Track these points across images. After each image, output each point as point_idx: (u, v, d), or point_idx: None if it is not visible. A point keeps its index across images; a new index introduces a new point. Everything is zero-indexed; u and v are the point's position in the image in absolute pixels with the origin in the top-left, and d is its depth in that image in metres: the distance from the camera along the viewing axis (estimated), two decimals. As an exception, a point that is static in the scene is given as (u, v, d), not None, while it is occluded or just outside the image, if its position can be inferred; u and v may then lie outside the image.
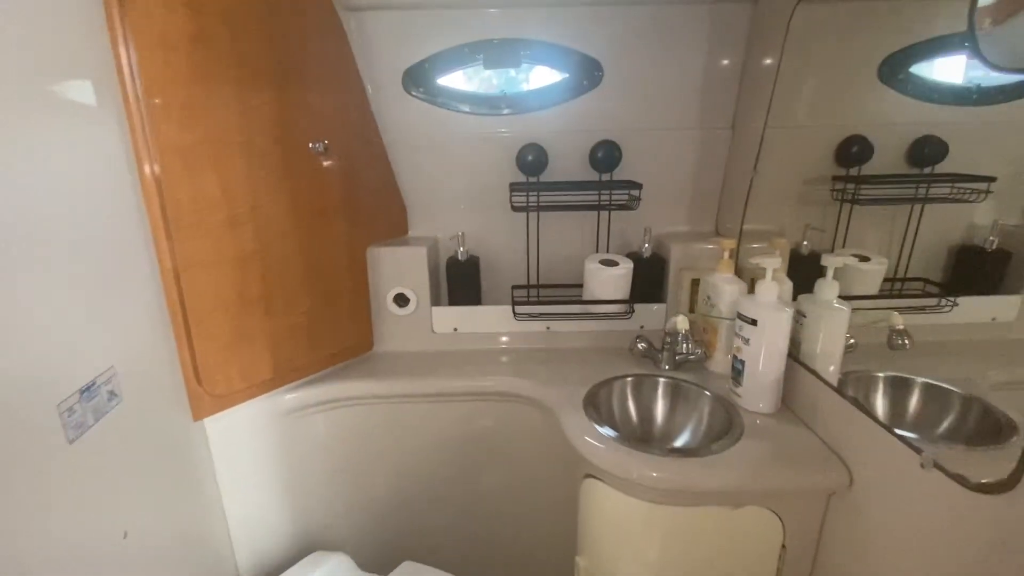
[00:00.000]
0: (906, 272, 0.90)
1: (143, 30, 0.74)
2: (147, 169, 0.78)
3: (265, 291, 0.95)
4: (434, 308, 1.19)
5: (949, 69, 0.84)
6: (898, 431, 0.69)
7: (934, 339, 0.83)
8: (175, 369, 0.86)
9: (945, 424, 0.78)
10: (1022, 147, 0.75)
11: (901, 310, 0.87)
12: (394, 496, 1.18)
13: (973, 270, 0.83)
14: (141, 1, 0.74)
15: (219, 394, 0.92)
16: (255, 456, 1.02)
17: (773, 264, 0.88)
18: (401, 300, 1.18)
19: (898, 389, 0.84)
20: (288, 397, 1.04)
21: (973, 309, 0.81)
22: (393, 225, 1.21)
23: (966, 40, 0.54)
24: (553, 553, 1.16)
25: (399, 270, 1.16)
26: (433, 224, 1.24)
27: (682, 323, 0.99)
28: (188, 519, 0.90)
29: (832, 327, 0.87)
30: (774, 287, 0.88)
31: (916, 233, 0.89)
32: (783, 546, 0.84)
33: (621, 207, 1.12)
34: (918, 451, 0.64)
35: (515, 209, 1.14)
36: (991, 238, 0.79)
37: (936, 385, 0.80)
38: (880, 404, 0.83)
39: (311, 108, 0.97)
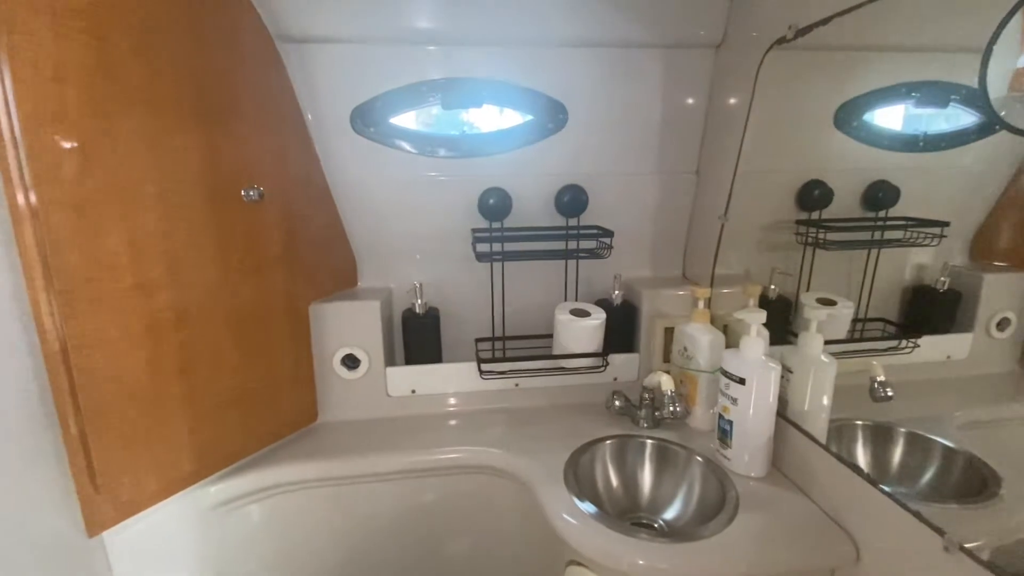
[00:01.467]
0: (866, 313, 0.90)
1: (25, 58, 0.60)
2: (26, 228, 0.62)
3: (185, 366, 0.79)
4: (388, 368, 1.07)
5: (898, 118, 0.87)
6: (912, 507, 0.65)
7: (896, 380, 0.81)
8: (64, 476, 0.68)
9: (928, 476, 0.76)
10: (964, 191, 0.77)
11: (869, 353, 0.86)
12: (346, 594, 1.02)
13: (927, 310, 0.84)
14: (24, 24, 0.59)
15: (124, 500, 0.74)
16: (171, 567, 0.84)
17: (758, 319, 0.84)
18: (350, 361, 1.05)
19: (879, 438, 0.82)
20: (213, 490, 0.87)
21: (929, 349, 0.81)
22: (340, 277, 1.08)
23: (979, 101, 0.51)
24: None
25: (348, 328, 1.03)
26: (386, 275, 1.12)
27: (667, 383, 0.93)
28: None
29: (820, 382, 0.84)
30: (761, 343, 0.83)
31: (874, 275, 0.88)
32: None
33: (591, 255, 1.06)
34: (940, 532, 0.59)
35: (479, 258, 1.05)
36: (942, 279, 0.80)
37: (917, 434, 0.78)
38: (862, 456, 0.80)
39: (244, 151, 0.84)
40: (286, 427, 0.98)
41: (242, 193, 0.84)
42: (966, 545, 0.57)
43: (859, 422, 0.84)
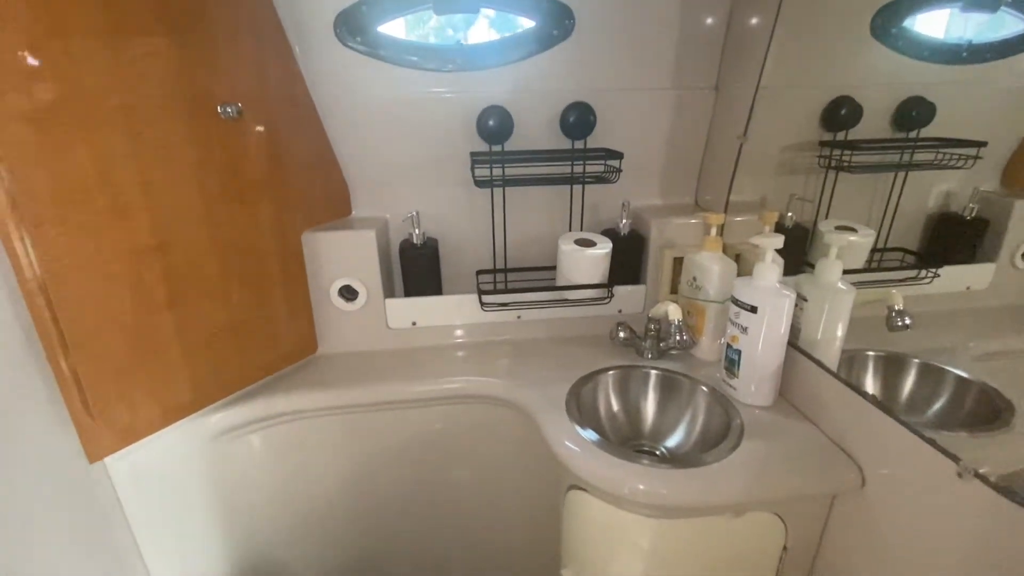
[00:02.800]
0: (886, 243, 0.85)
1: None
2: (-20, 143, 0.57)
3: (173, 296, 0.76)
4: (388, 300, 1.04)
5: (941, 25, 0.79)
6: (926, 434, 0.63)
7: (912, 311, 0.78)
8: (57, 404, 0.67)
9: (939, 405, 0.74)
10: (1003, 110, 0.71)
11: (887, 284, 0.82)
12: (352, 520, 1.05)
13: (950, 239, 0.80)
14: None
15: (122, 427, 0.73)
16: (176, 493, 0.85)
17: (774, 244, 0.79)
18: (348, 293, 1.02)
19: (890, 368, 0.80)
20: (214, 419, 0.87)
21: (948, 279, 0.77)
22: (333, 206, 1.03)
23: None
24: (533, 566, 1.07)
25: (343, 258, 0.99)
26: (381, 203, 1.06)
27: (674, 312, 0.90)
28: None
29: (836, 311, 0.80)
30: (775, 270, 0.79)
31: (899, 202, 0.83)
32: (785, 548, 0.79)
33: (597, 180, 0.99)
34: (954, 458, 0.57)
35: (478, 184, 0.99)
36: (971, 205, 0.75)
37: (930, 364, 0.76)
38: (872, 386, 0.78)
39: (216, 60, 0.76)
40: (285, 359, 0.97)
41: (218, 109, 0.77)
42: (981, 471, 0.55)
43: (871, 353, 0.82)
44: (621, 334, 1.01)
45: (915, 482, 0.63)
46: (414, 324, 1.06)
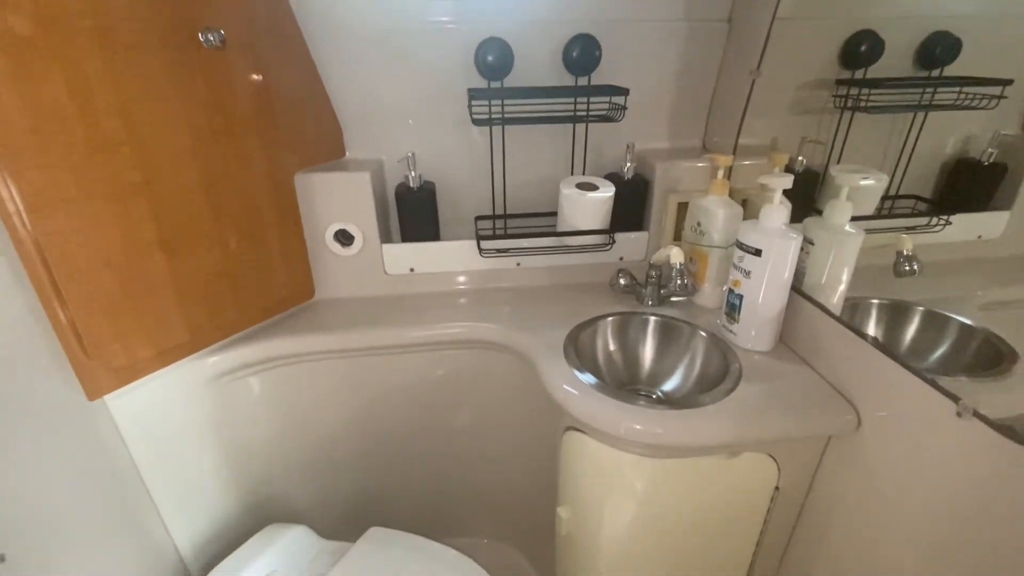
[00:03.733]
0: (899, 190, 0.82)
1: None
2: (-56, 65, 0.53)
3: (164, 235, 0.74)
4: (384, 246, 1.02)
5: None
6: (926, 374, 0.62)
7: (921, 259, 0.76)
8: (53, 342, 0.67)
9: (941, 351, 0.73)
10: None
11: (896, 230, 0.79)
12: (353, 460, 1.07)
13: (965, 186, 0.76)
14: None
15: (119, 366, 0.73)
16: (180, 434, 0.86)
17: (783, 184, 0.76)
18: (344, 237, 1.00)
19: (894, 316, 0.78)
20: (212, 360, 0.87)
21: (960, 227, 0.75)
22: (325, 146, 0.99)
23: None
24: (531, 507, 1.10)
25: (338, 201, 0.97)
26: (376, 144, 1.02)
27: (676, 255, 0.88)
28: (101, 515, 0.75)
29: (843, 255, 0.78)
30: (783, 211, 0.76)
31: (915, 145, 0.79)
32: (777, 488, 0.80)
33: (601, 119, 0.95)
34: (954, 398, 0.57)
35: (476, 122, 0.95)
36: (990, 150, 0.71)
37: (935, 312, 0.74)
38: (874, 332, 0.77)
39: (194, -19, 0.71)
40: (282, 303, 0.96)
41: (200, 36, 0.73)
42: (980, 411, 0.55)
43: (875, 300, 0.80)
44: (622, 281, 1.00)
45: (913, 423, 0.63)
46: (412, 271, 1.05)
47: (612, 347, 0.93)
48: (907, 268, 0.77)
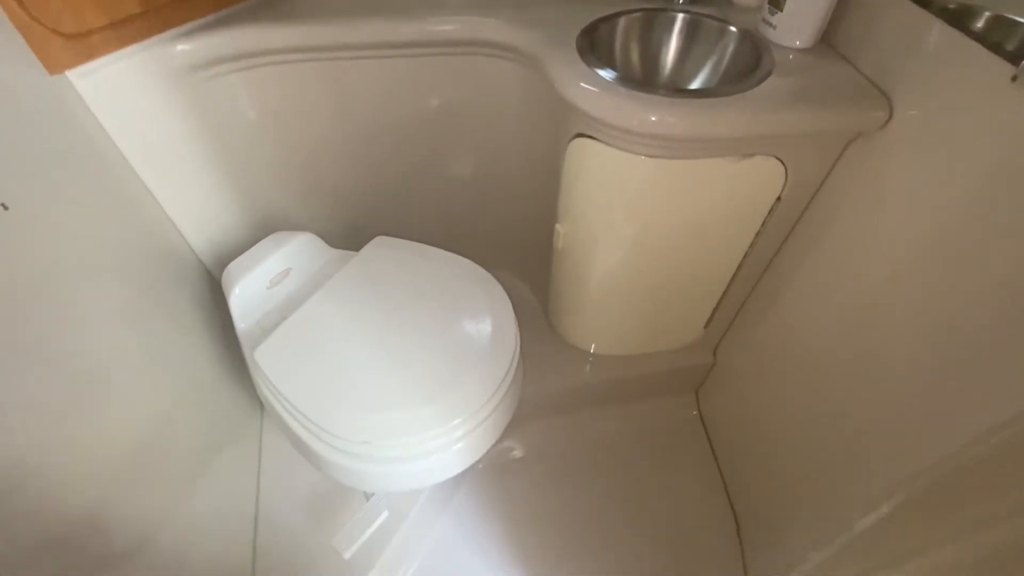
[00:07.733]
0: None
1: None
2: None
3: None
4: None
5: None
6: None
7: None
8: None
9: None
10: None
11: None
12: (353, 172, 1.05)
13: None
14: None
15: (70, 33, 0.64)
16: (163, 128, 0.81)
17: None
18: None
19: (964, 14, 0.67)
20: (181, 48, 0.77)
21: None
22: None
23: None
24: (532, 226, 1.12)
25: None
26: None
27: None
28: (95, 190, 0.73)
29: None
30: None
31: None
32: (779, 199, 0.80)
33: None
34: (1014, 59, 0.50)
35: None
36: None
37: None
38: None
39: None
40: (247, -13, 0.82)
41: None
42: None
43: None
44: (651, -31, 0.84)
45: (953, 108, 0.58)
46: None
47: (632, 46, 0.83)
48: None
